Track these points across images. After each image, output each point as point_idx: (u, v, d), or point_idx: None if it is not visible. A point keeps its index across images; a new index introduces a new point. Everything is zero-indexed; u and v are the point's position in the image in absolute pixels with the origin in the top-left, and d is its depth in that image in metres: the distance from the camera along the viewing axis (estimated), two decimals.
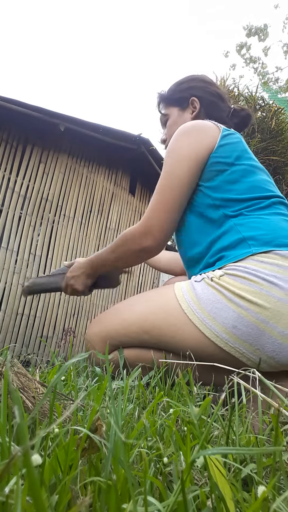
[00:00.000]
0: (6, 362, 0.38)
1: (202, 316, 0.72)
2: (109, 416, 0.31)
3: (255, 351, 0.69)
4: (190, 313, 0.74)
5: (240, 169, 0.85)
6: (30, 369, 0.75)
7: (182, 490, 0.22)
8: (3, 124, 2.59)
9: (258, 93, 2.71)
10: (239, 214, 0.81)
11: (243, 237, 0.77)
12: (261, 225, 0.78)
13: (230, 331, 0.70)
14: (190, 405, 0.32)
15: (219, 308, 0.71)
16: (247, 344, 0.69)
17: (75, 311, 2.95)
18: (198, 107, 1.00)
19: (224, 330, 0.70)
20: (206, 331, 0.72)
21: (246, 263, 0.73)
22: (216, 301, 0.72)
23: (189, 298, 0.76)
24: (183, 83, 1.04)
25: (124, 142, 3.31)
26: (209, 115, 1.00)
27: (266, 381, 0.39)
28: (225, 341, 0.70)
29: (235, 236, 0.78)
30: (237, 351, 0.70)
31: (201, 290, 0.75)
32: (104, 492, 0.25)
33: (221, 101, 1.01)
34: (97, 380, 0.69)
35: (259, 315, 0.68)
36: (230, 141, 0.87)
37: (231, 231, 0.80)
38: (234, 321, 0.69)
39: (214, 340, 0.71)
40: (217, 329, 0.71)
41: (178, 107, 1.02)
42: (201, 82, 1.03)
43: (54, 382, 0.31)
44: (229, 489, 0.26)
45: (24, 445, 0.16)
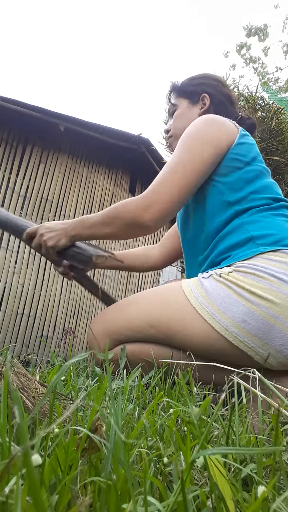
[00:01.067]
0: (6, 362, 0.38)
1: (211, 310, 0.72)
2: (109, 416, 0.31)
3: (264, 345, 0.69)
4: (199, 307, 0.74)
5: (255, 169, 0.86)
6: (30, 369, 0.75)
7: (182, 490, 0.22)
8: (3, 124, 2.59)
9: (258, 93, 2.71)
10: (248, 213, 0.81)
11: (251, 236, 0.77)
12: (269, 225, 0.78)
13: (240, 325, 0.70)
14: (190, 405, 0.32)
15: (229, 302, 0.71)
16: (256, 338, 0.69)
17: (75, 311, 2.95)
18: (208, 104, 1.00)
19: (234, 324, 0.70)
20: (216, 324, 0.71)
21: (255, 261, 0.74)
22: (226, 296, 0.72)
23: (198, 293, 0.75)
24: (197, 78, 1.04)
25: (124, 142, 3.32)
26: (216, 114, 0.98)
27: (266, 381, 0.39)
28: (234, 335, 0.70)
29: (243, 235, 0.78)
30: (245, 345, 0.70)
31: (210, 285, 0.75)
32: (104, 492, 0.25)
33: (230, 105, 1.02)
34: (97, 380, 0.69)
35: (269, 310, 0.68)
36: (247, 141, 0.89)
37: (238, 229, 0.80)
38: (244, 315, 0.70)
39: (223, 334, 0.71)
40: (227, 323, 0.71)
41: (188, 100, 1.02)
42: (214, 81, 1.03)
43: (54, 382, 0.31)
44: (229, 489, 0.26)
45: (24, 445, 0.16)
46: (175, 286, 0.81)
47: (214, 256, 0.83)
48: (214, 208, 0.85)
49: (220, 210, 0.84)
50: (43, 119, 2.65)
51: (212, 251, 0.84)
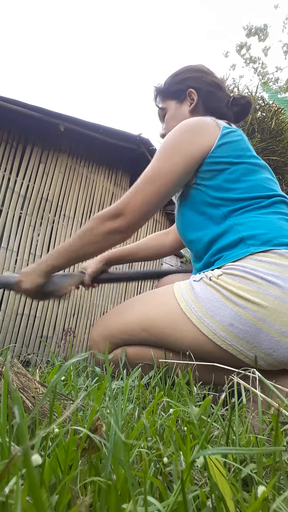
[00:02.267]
0: (6, 362, 0.38)
1: (199, 314, 0.73)
2: (109, 416, 0.31)
3: (252, 349, 0.69)
4: (188, 312, 0.75)
5: (241, 168, 0.84)
6: (30, 369, 0.75)
7: (182, 490, 0.22)
8: (3, 124, 2.59)
9: (258, 93, 2.71)
10: (238, 214, 0.81)
11: (242, 237, 0.77)
12: (260, 224, 0.77)
13: (227, 328, 0.70)
14: (190, 405, 0.32)
15: (217, 306, 0.72)
16: (244, 342, 0.69)
17: (75, 311, 2.95)
18: (196, 98, 0.97)
19: (221, 328, 0.70)
20: (204, 328, 0.72)
21: (244, 262, 0.73)
22: (214, 300, 0.73)
23: (188, 297, 0.76)
24: (179, 75, 1.01)
25: (124, 142, 3.32)
26: (207, 107, 0.97)
27: (266, 381, 0.39)
28: (222, 339, 0.71)
29: (234, 236, 0.78)
30: (234, 349, 0.70)
31: (200, 289, 0.76)
32: (104, 492, 0.25)
33: (219, 90, 0.99)
34: (97, 380, 0.69)
35: (256, 314, 0.68)
36: (230, 139, 0.86)
37: (230, 230, 0.80)
38: (231, 319, 0.70)
39: (211, 338, 0.71)
40: (214, 327, 0.71)
41: (175, 100, 1.00)
42: (197, 72, 1.00)
43: (54, 382, 0.31)
44: (229, 489, 0.26)
45: (24, 445, 0.16)
46: (167, 290, 0.82)
47: (208, 256, 0.83)
48: (204, 210, 0.84)
49: (209, 211, 0.83)
50: (43, 119, 2.65)
51: (206, 252, 0.84)
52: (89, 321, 3.07)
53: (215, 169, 0.84)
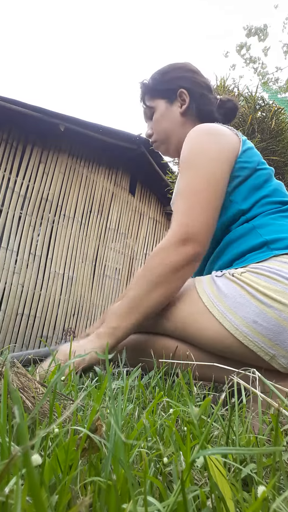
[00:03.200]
0: (6, 362, 0.38)
1: (222, 309, 0.72)
2: (109, 416, 0.31)
3: (274, 346, 0.69)
4: (210, 306, 0.74)
5: (264, 174, 0.85)
6: (30, 369, 0.75)
7: (182, 490, 0.22)
8: (3, 124, 2.59)
9: (258, 93, 2.71)
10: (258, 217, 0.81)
11: (265, 241, 0.77)
12: (282, 228, 0.78)
13: (251, 325, 0.70)
14: (190, 405, 0.32)
15: (241, 302, 0.71)
16: (267, 339, 0.69)
17: (75, 311, 2.95)
18: (188, 100, 0.94)
19: (244, 324, 0.70)
20: (226, 323, 0.72)
21: (269, 263, 0.73)
22: (238, 296, 0.72)
23: (209, 291, 0.76)
24: (168, 73, 0.97)
25: (124, 142, 3.32)
26: (199, 109, 0.95)
27: (266, 381, 0.39)
28: (244, 335, 0.70)
29: (257, 240, 0.78)
30: (255, 345, 0.70)
31: (222, 284, 0.75)
32: (104, 492, 0.25)
33: (210, 93, 0.98)
34: (97, 380, 0.69)
35: (282, 313, 0.68)
36: (250, 146, 0.87)
37: (250, 233, 0.79)
38: (255, 316, 0.69)
39: (233, 333, 0.71)
40: (237, 322, 0.71)
41: (165, 99, 0.96)
42: (187, 71, 0.97)
43: (54, 382, 0.31)
44: (229, 489, 0.26)
45: (24, 445, 0.16)
46: (189, 283, 0.82)
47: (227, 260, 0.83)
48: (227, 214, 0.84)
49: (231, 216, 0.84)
50: (43, 119, 2.65)
51: (222, 254, 0.84)
52: (89, 321, 3.07)
53: (242, 175, 0.83)
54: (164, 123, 0.97)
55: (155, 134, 1.01)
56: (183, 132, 0.95)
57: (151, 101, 0.98)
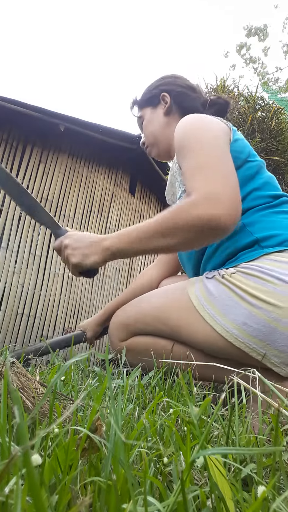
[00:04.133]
0: (6, 362, 0.38)
1: (212, 312, 0.73)
2: (109, 416, 0.31)
3: (265, 346, 0.69)
4: (201, 309, 0.75)
5: (254, 165, 0.84)
6: (30, 369, 0.75)
7: (182, 490, 0.22)
8: (3, 124, 2.59)
9: (258, 93, 2.71)
10: (249, 213, 0.79)
11: (256, 239, 0.76)
12: (273, 225, 0.77)
13: (240, 327, 0.70)
14: (190, 405, 0.32)
15: (230, 305, 0.72)
16: (257, 339, 0.69)
17: (75, 311, 2.95)
18: (169, 100, 0.98)
19: (234, 326, 0.70)
20: (216, 326, 0.72)
21: (260, 262, 0.73)
22: (227, 298, 0.72)
23: (200, 295, 0.76)
24: (152, 84, 1.04)
25: (124, 142, 3.32)
26: (181, 106, 0.97)
27: (266, 381, 0.39)
28: (234, 336, 0.70)
29: (248, 239, 0.77)
30: (246, 346, 0.70)
31: (212, 286, 0.75)
32: (104, 492, 0.25)
33: (192, 91, 1.00)
34: (97, 379, 0.69)
35: (271, 314, 0.68)
36: (240, 137, 0.86)
37: (241, 232, 0.78)
38: (245, 318, 0.69)
39: (224, 335, 0.71)
40: (227, 325, 0.71)
41: (150, 106, 1.02)
42: (169, 78, 1.02)
43: (53, 382, 0.31)
44: (229, 489, 0.26)
45: (24, 445, 0.16)
46: (182, 285, 0.83)
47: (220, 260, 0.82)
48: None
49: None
50: (43, 119, 2.65)
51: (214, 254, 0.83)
52: None
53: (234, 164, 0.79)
54: (150, 127, 1.01)
55: (145, 139, 1.05)
56: (170, 131, 0.98)
57: (139, 112, 1.06)
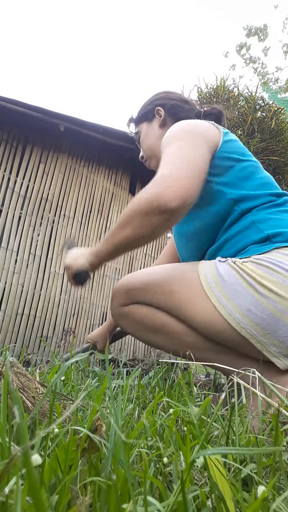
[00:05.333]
0: (6, 362, 0.38)
1: (219, 294, 0.74)
2: (109, 416, 0.31)
3: (266, 335, 0.70)
4: (208, 290, 0.75)
5: (249, 165, 0.85)
6: (30, 369, 0.75)
7: (182, 490, 0.22)
8: (3, 124, 2.59)
9: (258, 93, 2.71)
10: (255, 211, 0.81)
11: (267, 235, 0.77)
12: (281, 223, 0.78)
13: (244, 313, 0.71)
14: (190, 405, 0.32)
15: (238, 290, 0.72)
16: (259, 328, 0.70)
17: (75, 311, 2.95)
18: (163, 113, 1.03)
19: (238, 311, 0.71)
20: (221, 308, 0.73)
21: (271, 254, 0.74)
22: (236, 283, 0.73)
23: (210, 276, 0.77)
24: (147, 101, 1.09)
25: (124, 142, 3.32)
26: (175, 118, 1.02)
27: (266, 381, 0.39)
28: (237, 321, 0.71)
29: (259, 235, 0.78)
30: (247, 332, 0.71)
31: (223, 270, 0.76)
32: (104, 492, 0.25)
33: (185, 104, 1.05)
34: (97, 379, 0.69)
35: (277, 304, 0.69)
36: (232, 138, 0.88)
37: (251, 228, 0.80)
38: (250, 305, 0.70)
39: (227, 318, 0.72)
40: (232, 309, 0.72)
41: (146, 121, 1.07)
42: (162, 93, 1.08)
43: (53, 382, 0.31)
44: (229, 489, 0.26)
45: (24, 445, 0.16)
46: (193, 265, 0.84)
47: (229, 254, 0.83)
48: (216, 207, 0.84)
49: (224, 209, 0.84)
50: (43, 119, 2.65)
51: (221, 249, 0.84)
52: (89, 321, 3.07)
53: (226, 165, 0.84)
54: (147, 140, 1.06)
55: (143, 153, 1.09)
56: None
57: (136, 128, 1.11)
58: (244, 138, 2.52)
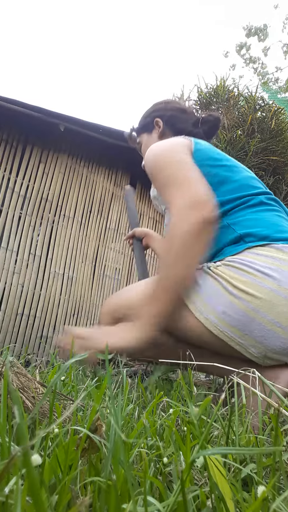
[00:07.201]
0: (6, 362, 0.38)
1: (194, 299, 0.76)
2: (109, 416, 0.31)
3: (243, 336, 0.71)
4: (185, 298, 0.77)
5: (222, 170, 0.88)
6: (30, 369, 0.75)
7: (182, 490, 0.22)
8: (3, 124, 2.59)
9: (258, 93, 2.71)
10: (230, 213, 0.84)
11: (239, 235, 0.80)
12: (255, 223, 0.81)
13: (219, 316, 0.72)
14: (190, 405, 0.32)
15: (212, 294, 0.74)
16: (236, 329, 0.71)
17: (75, 311, 2.95)
18: (162, 124, 1.07)
19: (214, 315, 0.73)
20: (197, 313, 0.74)
21: (242, 255, 0.76)
22: (210, 287, 0.75)
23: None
24: (146, 112, 1.14)
25: (124, 142, 3.32)
26: (173, 128, 1.07)
27: (266, 381, 0.39)
28: (214, 325, 0.73)
29: (232, 235, 0.81)
30: (225, 335, 0.72)
31: (198, 276, 0.79)
32: (104, 492, 0.25)
33: (182, 113, 1.08)
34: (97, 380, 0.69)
35: (249, 304, 0.70)
36: (202, 146, 0.92)
37: (226, 230, 0.82)
38: (224, 307, 0.72)
39: (204, 323, 0.73)
40: (207, 313, 0.73)
41: (146, 132, 1.12)
42: (161, 104, 1.12)
43: (53, 382, 0.31)
44: (229, 489, 0.26)
45: (24, 445, 0.16)
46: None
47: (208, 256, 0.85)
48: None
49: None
50: (43, 119, 2.65)
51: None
52: (89, 321, 3.07)
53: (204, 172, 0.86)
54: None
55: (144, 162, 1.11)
56: None
57: (138, 138, 1.17)
58: (244, 138, 2.52)
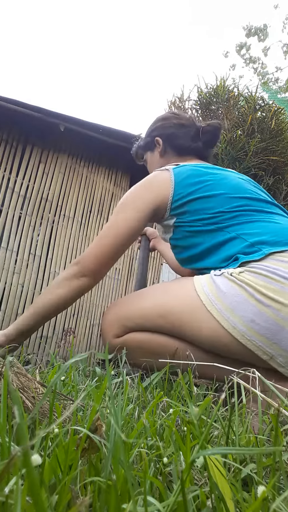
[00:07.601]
0: (6, 362, 0.37)
1: (220, 308, 0.73)
2: (109, 416, 0.31)
3: (272, 345, 0.69)
4: (209, 304, 0.75)
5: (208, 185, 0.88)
6: (29, 368, 0.75)
7: (182, 490, 0.22)
8: (3, 124, 2.59)
9: (258, 93, 2.71)
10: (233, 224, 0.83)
11: (250, 243, 0.78)
12: (261, 230, 0.79)
13: (248, 324, 0.70)
14: (190, 405, 0.32)
15: (239, 301, 0.72)
16: (264, 338, 0.69)
17: (75, 311, 2.95)
18: (161, 143, 1.11)
19: (242, 323, 0.70)
20: (224, 322, 0.72)
21: (266, 262, 0.74)
22: (236, 295, 0.73)
23: (208, 291, 0.76)
24: (147, 131, 1.18)
25: (124, 142, 3.31)
26: (172, 146, 1.10)
27: (266, 381, 0.39)
28: (241, 333, 0.71)
29: (243, 243, 0.79)
30: (253, 344, 0.70)
31: (221, 283, 0.76)
32: (104, 492, 0.25)
33: (180, 128, 1.11)
34: (97, 380, 0.69)
35: (279, 312, 0.68)
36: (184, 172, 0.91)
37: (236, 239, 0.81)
38: (253, 315, 0.70)
39: (231, 332, 0.71)
40: (235, 321, 0.71)
41: (148, 151, 1.18)
42: (160, 121, 1.15)
43: (53, 382, 0.31)
44: (229, 489, 0.26)
45: (24, 445, 0.16)
46: (186, 281, 0.83)
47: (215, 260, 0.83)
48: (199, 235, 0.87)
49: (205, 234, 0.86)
50: (43, 119, 2.65)
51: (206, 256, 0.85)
52: (89, 321, 3.07)
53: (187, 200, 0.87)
54: (152, 168, 1.17)
55: None
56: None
57: (143, 156, 1.24)
58: (244, 138, 2.52)
